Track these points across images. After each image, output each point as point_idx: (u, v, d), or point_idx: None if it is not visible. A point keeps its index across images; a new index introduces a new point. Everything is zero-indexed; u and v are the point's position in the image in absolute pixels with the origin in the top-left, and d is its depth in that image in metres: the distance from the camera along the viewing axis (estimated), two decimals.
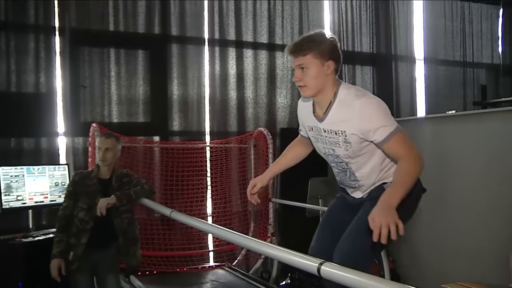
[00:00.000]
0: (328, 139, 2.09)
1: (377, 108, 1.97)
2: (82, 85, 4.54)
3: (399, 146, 1.95)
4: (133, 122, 4.76)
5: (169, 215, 2.54)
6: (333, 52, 2.02)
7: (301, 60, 1.99)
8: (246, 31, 5.29)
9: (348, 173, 2.16)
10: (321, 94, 2.04)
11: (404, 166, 1.90)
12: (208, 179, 4.90)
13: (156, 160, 4.71)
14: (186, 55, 5.00)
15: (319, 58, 1.98)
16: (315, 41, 2.00)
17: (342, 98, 2.00)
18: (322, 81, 2.00)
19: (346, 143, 2.03)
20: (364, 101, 1.96)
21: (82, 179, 3.19)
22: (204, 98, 5.08)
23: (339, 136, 2.03)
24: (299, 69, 2.01)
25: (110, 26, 4.66)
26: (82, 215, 3.08)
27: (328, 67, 1.99)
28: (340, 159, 2.13)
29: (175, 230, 4.61)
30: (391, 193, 1.79)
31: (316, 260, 1.44)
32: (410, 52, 6.25)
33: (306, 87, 2.02)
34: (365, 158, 2.08)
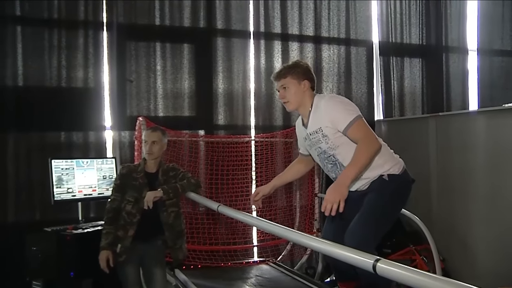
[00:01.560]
0: (314, 140, 2.55)
1: (338, 101, 2.49)
2: (129, 79, 4.61)
3: (358, 131, 2.38)
4: (178, 116, 4.79)
5: (216, 210, 2.57)
6: (307, 73, 2.58)
7: (283, 81, 2.56)
8: (291, 24, 5.23)
9: (338, 165, 2.52)
10: (302, 107, 2.58)
11: (359, 148, 2.32)
12: (253, 173, 4.88)
13: (201, 154, 4.72)
14: (231, 49, 4.99)
15: (296, 78, 2.55)
16: (291, 67, 2.59)
17: (316, 104, 2.52)
18: (300, 96, 2.55)
19: (324, 137, 2.48)
20: (327, 98, 2.52)
21: (129, 173, 3.23)
22: (249, 92, 5.06)
23: (318, 133, 2.50)
24: (282, 89, 2.58)
25: (156, 20, 4.71)
26: (129, 208, 3.12)
27: (304, 85, 2.55)
28: (327, 154, 2.54)
29: (219, 224, 4.63)
30: (345, 172, 2.28)
31: (372, 257, 1.39)
32: (462, 42, 5.99)
33: (289, 103, 2.57)
34: (346, 148, 2.44)
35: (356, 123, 2.39)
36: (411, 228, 4.42)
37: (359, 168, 2.28)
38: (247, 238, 4.78)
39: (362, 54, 5.54)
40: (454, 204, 4.41)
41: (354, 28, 5.48)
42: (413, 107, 5.75)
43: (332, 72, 5.37)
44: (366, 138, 2.35)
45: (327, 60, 5.36)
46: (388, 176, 2.48)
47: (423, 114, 5.58)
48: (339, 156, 2.49)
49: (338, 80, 5.37)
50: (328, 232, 2.62)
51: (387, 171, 2.48)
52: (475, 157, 4.16)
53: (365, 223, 2.36)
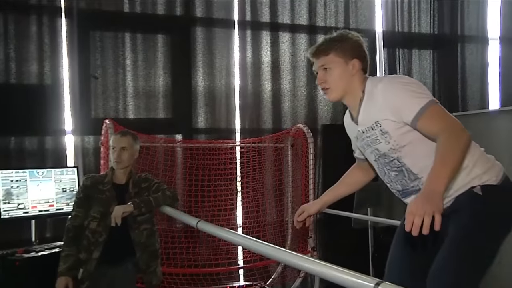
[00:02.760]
0: (369, 140, 2.17)
1: (401, 82, 2.04)
2: (93, 75, 4.61)
3: (434, 120, 1.93)
4: (152, 118, 4.81)
5: (196, 226, 2.55)
6: (357, 50, 2.17)
7: (323, 60, 2.16)
8: (282, 12, 5.27)
9: (406, 173, 2.12)
10: (349, 96, 2.19)
11: (442, 142, 1.84)
12: (238, 184, 4.90)
13: (178, 162, 4.73)
14: (213, 40, 5.01)
15: (342, 56, 2.14)
16: (337, 40, 2.17)
17: (369, 90, 2.11)
18: (347, 81, 2.15)
19: (384, 135, 2.08)
20: (386, 81, 2.09)
21: (94, 184, 3.23)
22: (233, 90, 5.09)
23: (375, 129, 2.10)
24: (322, 70, 2.17)
25: (125, 6, 4.72)
26: (94, 226, 3.12)
27: (353, 66, 2.14)
28: (389, 158, 2.14)
29: (200, 243, 4.63)
30: (433, 176, 1.75)
31: (372, 280, 1.41)
32: (481, 31, 6.05)
33: (330, 89, 2.18)
34: (416, 146, 2.05)
35: (430, 109, 1.94)
36: None
37: (452, 166, 1.76)
38: (232, 258, 4.78)
39: None
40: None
41: (354, 15, 5.54)
42: None
43: None
44: (450, 127, 1.87)
45: None
46: (482, 189, 2.00)
47: None
48: (406, 160, 2.09)
49: None
50: (396, 264, 2.24)
51: (480, 179, 2.02)
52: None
53: (456, 267, 1.91)
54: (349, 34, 2.20)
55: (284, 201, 5.01)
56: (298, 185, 4.98)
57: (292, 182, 5.01)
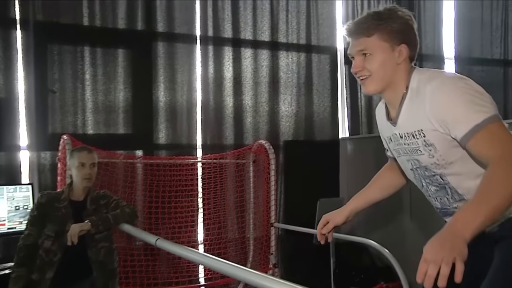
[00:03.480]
0: (407, 148, 1.83)
1: (458, 87, 1.63)
2: (51, 89, 4.50)
3: (488, 144, 1.55)
4: (112, 133, 4.73)
5: (155, 244, 2.52)
6: (408, 33, 1.79)
7: (364, 43, 1.77)
8: (244, 28, 5.28)
9: (449, 191, 1.80)
10: (390, 89, 1.81)
11: (492, 175, 1.48)
12: (199, 200, 4.86)
13: (138, 178, 4.66)
14: (174, 55, 4.98)
15: (388, 40, 1.76)
16: (383, 18, 1.77)
17: (413, 87, 1.75)
18: (391, 71, 1.77)
19: (428, 147, 1.73)
20: (438, 82, 1.66)
21: (50, 202, 3.15)
22: (195, 106, 5.05)
23: (417, 138, 1.75)
24: (360, 56, 1.79)
25: (84, 20, 4.63)
26: (49, 245, 3.03)
27: (400, 53, 1.77)
28: (430, 172, 1.81)
29: (160, 261, 4.56)
30: (464, 214, 1.43)
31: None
32: (438, 50, 6.24)
33: (371, 78, 1.78)
34: (467, 164, 1.71)
35: (487, 127, 1.55)
36: (382, 263, 4.50)
37: (492, 208, 1.42)
38: (193, 276, 4.71)
39: (325, 62, 5.64)
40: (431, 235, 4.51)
41: (315, 32, 5.59)
42: None
43: (291, 83, 5.44)
44: (507, 156, 1.50)
45: (285, 69, 5.43)
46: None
47: None
48: (451, 178, 1.76)
49: (297, 92, 5.44)
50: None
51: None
52: None
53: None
54: (398, 11, 1.79)
55: (245, 217, 4.99)
56: (259, 202, 4.98)
57: (254, 198, 5.01)
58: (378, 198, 2.19)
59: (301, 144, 5.39)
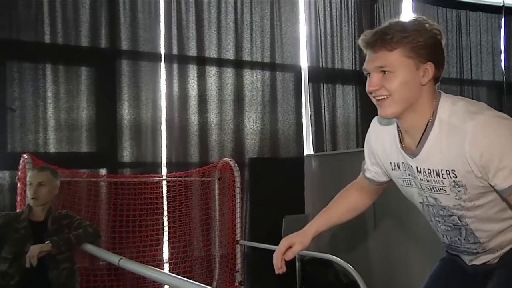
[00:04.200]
0: (426, 184, 1.62)
1: (504, 131, 1.44)
2: (10, 107, 4.42)
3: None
4: (74, 152, 4.65)
5: (118, 264, 2.48)
6: (435, 50, 1.54)
7: (385, 58, 1.52)
8: (209, 46, 5.29)
9: (464, 233, 1.67)
10: (411, 114, 1.56)
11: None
12: (164, 218, 4.81)
13: (102, 197, 4.59)
14: (138, 73, 4.95)
15: (413, 57, 1.51)
16: (410, 30, 1.52)
17: (445, 118, 1.53)
18: (414, 93, 1.53)
19: (457, 187, 1.55)
20: (483, 121, 1.45)
21: (8, 223, 3.08)
22: (160, 124, 5.02)
23: (445, 178, 1.55)
24: (378, 73, 1.54)
25: (45, 37, 4.57)
26: (5, 268, 2.96)
27: (425, 73, 1.53)
28: (448, 211, 1.65)
29: (124, 281, 4.48)
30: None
31: None
32: None
33: (390, 99, 1.53)
34: (492, 209, 1.59)
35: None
36: (348, 279, 4.50)
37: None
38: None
39: (289, 80, 5.68)
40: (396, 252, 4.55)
41: (280, 51, 5.64)
42: (346, 140, 5.93)
43: (256, 101, 5.46)
44: None
45: (250, 87, 5.44)
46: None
47: (358, 148, 5.77)
48: (471, 221, 1.63)
49: (262, 110, 5.46)
50: None
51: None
52: None
53: None
54: (426, 24, 1.54)
55: (211, 235, 4.95)
56: (225, 219, 4.96)
57: (220, 216, 4.98)
58: (341, 222, 1.99)
59: (266, 161, 5.39)
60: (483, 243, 1.65)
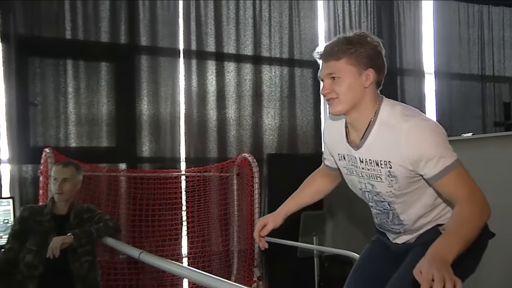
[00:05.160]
0: (366, 172, 1.93)
1: (432, 133, 1.77)
2: (33, 102, 4.48)
3: (457, 185, 1.74)
4: (94, 146, 4.70)
5: (138, 257, 2.50)
6: (375, 58, 1.86)
7: (333, 66, 1.84)
8: (227, 42, 5.31)
9: (391, 216, 1.99)
10: (356, 112, 1.87)
11: (464, 213, 1.68)
12: (183, 213, 4.83)
13: (122, 192, 4.63)
14: (157, 69, 4.98)
15: (356, 64, 1.82)
16: (352, 43, 1.83)
17: (385, 119, 1.84)
18: (358, 94, 1.84)
19: (390, 177, 1.85)
20: (415, 123, 1.78)
21: (32, 215, 3.12)
22: (179, 119, 5.05)
23: (382, 167, 1.86)
24: (329, 79, 1.86)
25: (66, 33, 4.63)
26: (30, 259, 3.00)
27: (367, 77, 1.83)
28: (381, 197, 1.96)
29: (144, 274, 4.51)
30: (444, 245, 1.57)
31: None
32: (418, 65, 6.33)
33: (338, 99, 1.85)
34: (414, 197, 1.91)
35: (454, 171, 1.75)
36: None
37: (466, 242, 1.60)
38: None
39: (308, 76, 5.68)
40: None
41: (298, 47, 5.64)
42: None
43: (274, 97, 5.46)
44: (472, 197, 1.72)
45: (268, 83, 5.45)
46: None
47: None
48: (398, 206, 1.94)
49: (280, 106, 5.46)
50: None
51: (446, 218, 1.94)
52: None
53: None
54: (367, 38, 1.86)
55: (229, 230, 4.96)
56: (243, 215, 4.96)
57: (238, 211, 4.98)
58: (309, 203, 2.37)
59: (284, 157, 5.40)
60: (405, 225, 1.98)
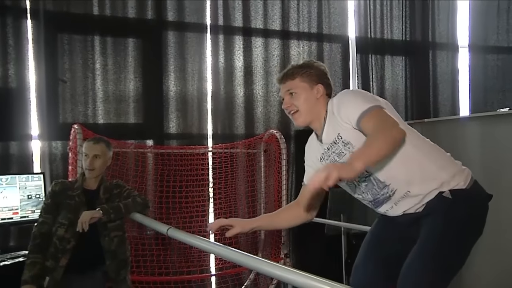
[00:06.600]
0: (335, 155, 2.23)
1: (349, 93, 2.25)
2: (61, 79, 4.55)
3: (372, 121, 2.02)
4: (122, 123, 4.77)
5: (166, 233, 2.54)
6: (322, 77, 2.31)
7: (290, 84, 2.28)
8: (255, 17, 5.29)
9: (374, 181, 2.17)
10: (316, 120, 2.28)
11: (372, 133, 1.97)
12: (210, 190, 4.89)
13: (149, 168, 4.70)
14: (184, 45, 5.00)
15: (307, 82, 2.27)
16: (302, 66, 2.32)
17: (329, 109, 2.23)
18: (312, 105, 2.26)
19: (346, 146, 2.15)
20: (339, 94, 2.23)
21: (63, 190, 3.20)
22: (206, 96, 5.08)
23: (338, 143, 2.19)
24: (288, 95, 2.29)
25: (94, 9, 4.67)
26: (62, 232, 3.08)
27: (317, 91, 2.27)
28: None
29: (171, 250, 4.60)
30: (358, 151, 1.89)
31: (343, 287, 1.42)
32: (452, 38, 6.19)
33: (299, 112, 2.27)
34: None
35: (372, 111, 2.04)
36: None
37: (375, 151, 1.86)
38: (204, 266, 4.77)
39: (337, 51, 5.64)
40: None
41: (327, 21, 5.59)
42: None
43: None
44: (384, 124, 1.99)
45: (296, 58, 5.42)
46: (451, 193, 2.07)
47: (406, 121, 5.63)
48: (371, 169, 2.13)
49: None
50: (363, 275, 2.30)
51: (448, 185, 2.08)
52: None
53: (427, 267, 1.98)
54: (315, 63, 2.36)
55: (256, 207, 5.01)
56: (270, 191, 4.99)
57: (265, 188, 5.02)
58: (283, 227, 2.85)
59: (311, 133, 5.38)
60: (389, 184, 2.14)
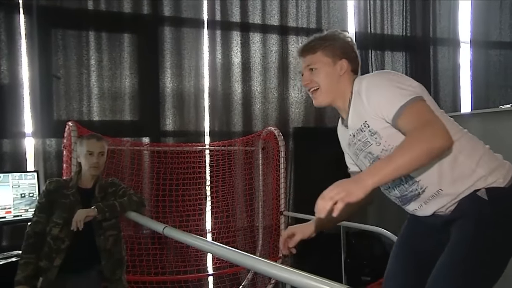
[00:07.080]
0: (361, 144, 2.02)
1: (382, 78, 1.96)
2: (55, 75, 4.52)
3: (411, 119, 1.78)
4: (117, 120, 4.74)
5: (162, 232, 2.52)
6: (347, 50, 2.08)
7: (310, 59, 2.07)
8: (253, 12, 5.26)
9: (403, 176, 1.93)
10: (339, 99, 2.07)
11: (405, 139, 1.74)
12: (207, 188, 4.87)
13: (145, 166, 4.68)
14: (181, 40, 4.97)
15: (330, 56, 2.05)
16: (325, 38, 2.09)
17: (356, 90, 2.00)
18: (334, 82, 2.04)
19: (373, 136, 1.94)
20: (369, 77, 2.01)
21: (58, 189, 3.18)
22: (203, 92, 5.05)
23: (364, 131, 1.97)
24: (307, 71, 2.09)
25: (88, 4, 4.64)
26: (57, 232, 3.05)
27: (341, 67, 2.05)
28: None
29: (168, 250, 4.59)
30: (374, 166, 1.72)
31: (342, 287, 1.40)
32: (453, 33, 6.16)
33: (319, 90, 2.06)
34: None
35: (410, 106, 1.80)
36: None
37: (396, 167, 1.67)
38: (201, 265, 4.75)
39: None
40: None
41: (326, 16, 5.56)
42: None
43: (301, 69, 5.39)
44: (427, 125, 1.73)
45: (295, 54, 5.37)
46: (488, 192, 1.83)
47: None
48: None
49: None
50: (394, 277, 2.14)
51: (485, 181, 1.85)
52: None
53: (457, 275, 1.78)
54: (340, 34, 2.11)
55: (254, 205, 5.00)
56: (269, 189, 4.98)
57: (263, 186, 5.01)
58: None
59: (311, 131, 5.37)
60: (419, 181, 1.92)
